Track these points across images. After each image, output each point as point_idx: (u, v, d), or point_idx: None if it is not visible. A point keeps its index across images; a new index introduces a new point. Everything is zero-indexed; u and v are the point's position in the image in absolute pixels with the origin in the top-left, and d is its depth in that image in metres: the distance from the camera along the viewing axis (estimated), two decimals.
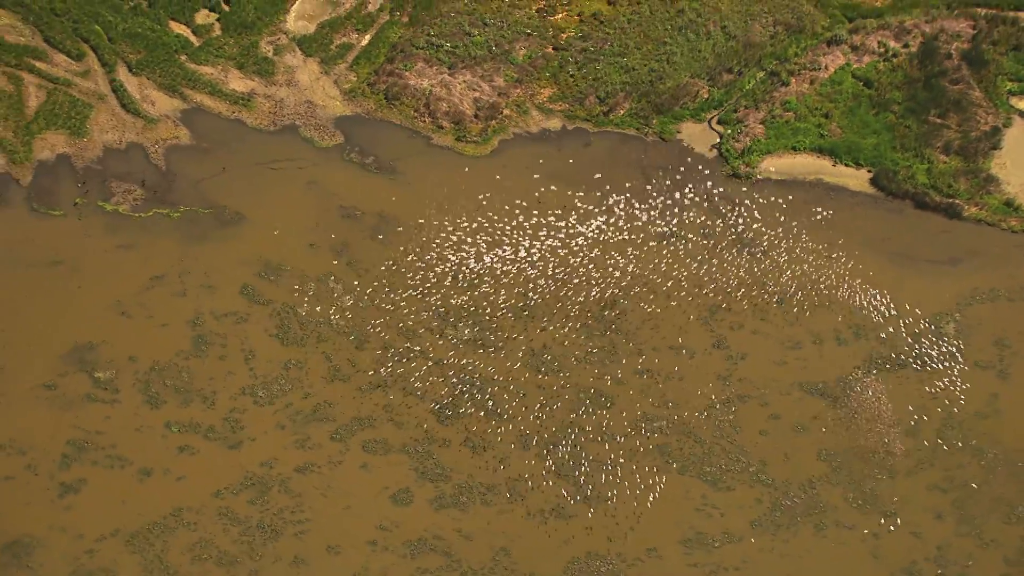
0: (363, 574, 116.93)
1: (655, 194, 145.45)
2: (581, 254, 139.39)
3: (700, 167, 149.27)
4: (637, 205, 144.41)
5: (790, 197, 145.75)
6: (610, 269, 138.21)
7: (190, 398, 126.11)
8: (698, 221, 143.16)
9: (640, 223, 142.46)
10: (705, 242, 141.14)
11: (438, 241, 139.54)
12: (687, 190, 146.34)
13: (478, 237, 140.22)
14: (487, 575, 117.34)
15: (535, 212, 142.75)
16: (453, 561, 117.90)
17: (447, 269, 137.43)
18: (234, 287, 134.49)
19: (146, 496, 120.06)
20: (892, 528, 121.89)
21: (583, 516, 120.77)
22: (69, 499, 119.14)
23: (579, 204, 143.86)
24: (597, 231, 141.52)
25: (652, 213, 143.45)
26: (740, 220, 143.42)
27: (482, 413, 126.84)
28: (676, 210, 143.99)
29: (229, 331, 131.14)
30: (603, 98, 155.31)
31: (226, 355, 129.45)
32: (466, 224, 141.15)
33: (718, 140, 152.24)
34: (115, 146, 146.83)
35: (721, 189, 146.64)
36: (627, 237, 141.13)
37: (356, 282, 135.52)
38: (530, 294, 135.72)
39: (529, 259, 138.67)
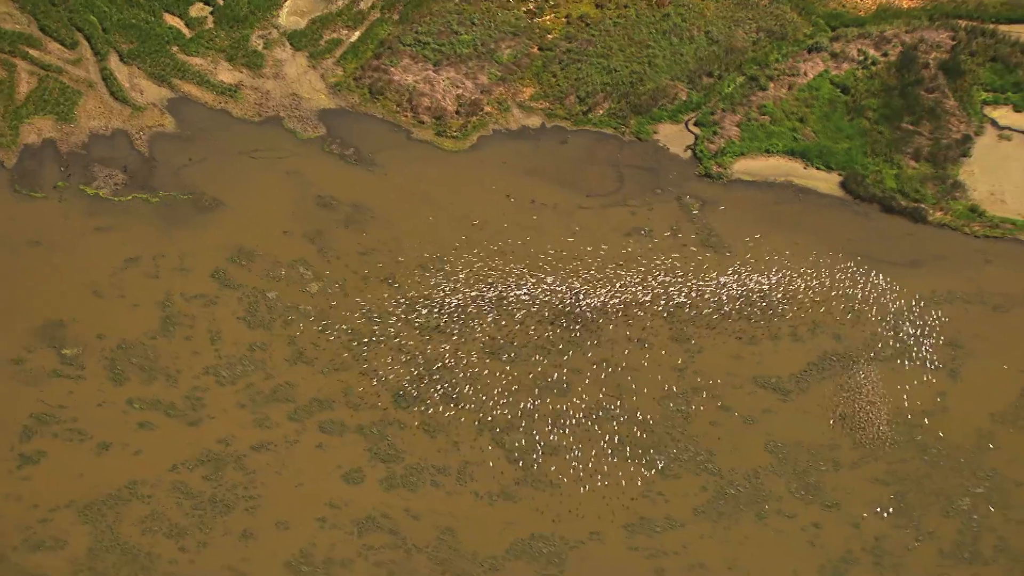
0: (310, 549, 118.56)
1: (626, 192, 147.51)
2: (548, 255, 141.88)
3: (673, 167, 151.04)
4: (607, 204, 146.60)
5: (760, 198, 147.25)
6: (575, 265, 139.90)
7: (154, 376, 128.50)
8: (667, 219, 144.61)
9: (609, 221, 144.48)
10: (672, 239, 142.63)
11: (409, 232, 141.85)
12: (658, 189, 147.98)
13: (451, 236, 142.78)
14: (431, 553, 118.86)
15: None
16: (399, 539, 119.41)
17: (416, 259, 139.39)
18: (206, 271, 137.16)
19: (103, 469, 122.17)
20: (887, 517, 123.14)
21: (530, 499, 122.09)
22: (27, 470, 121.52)
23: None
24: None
25: (621, 210, 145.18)
26: (709, 219, 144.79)
27: (439, 397, 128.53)
28: (646, 207, 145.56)
29: (198, 313, 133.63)
30: (583, 98, 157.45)
31: (192, 336, 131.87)
32: (435, 221, 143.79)
33: (693, 141, 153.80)
34: (101, 132, 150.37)
35: (692, 188, 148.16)
36: (595, 236, 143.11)
37: (326, 268, 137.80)
38: (496, 287, 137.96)
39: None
